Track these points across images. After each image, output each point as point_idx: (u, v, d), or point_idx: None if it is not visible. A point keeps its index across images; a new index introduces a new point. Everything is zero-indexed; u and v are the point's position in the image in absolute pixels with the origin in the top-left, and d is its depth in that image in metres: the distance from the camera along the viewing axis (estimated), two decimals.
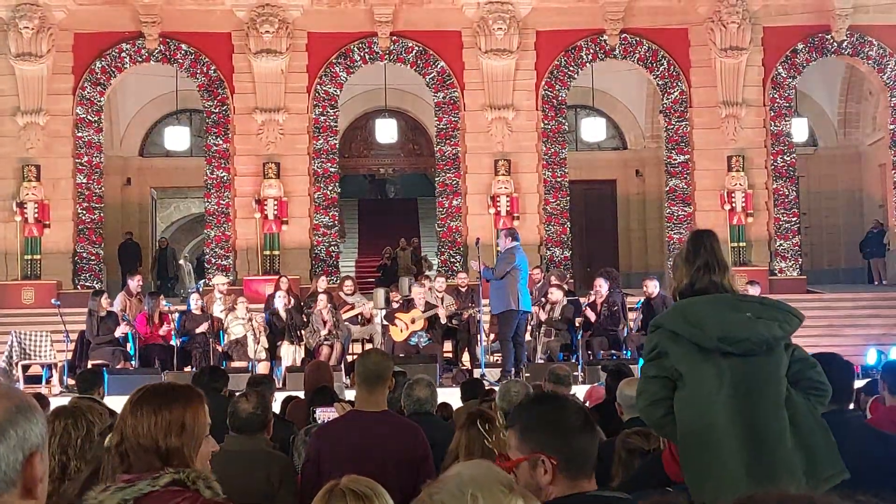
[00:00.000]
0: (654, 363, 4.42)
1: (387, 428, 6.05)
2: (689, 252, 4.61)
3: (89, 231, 26.12)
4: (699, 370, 4.27)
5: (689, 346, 4.30)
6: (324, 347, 18.44)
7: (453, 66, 26.70)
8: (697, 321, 4.33)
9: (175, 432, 3.40)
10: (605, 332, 18.47)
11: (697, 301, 4.45)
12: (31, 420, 2.38)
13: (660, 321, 4.54)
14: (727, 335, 4.28)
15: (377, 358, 6.36)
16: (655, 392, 4.37)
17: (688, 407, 4.28)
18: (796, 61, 27.41)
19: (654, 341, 4.44)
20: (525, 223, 26.30)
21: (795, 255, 27.12)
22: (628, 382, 7.42)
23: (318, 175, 26.54)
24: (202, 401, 3.55)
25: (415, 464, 5.92)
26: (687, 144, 27.07)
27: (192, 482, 3.28)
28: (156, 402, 3.44)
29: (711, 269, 4.53)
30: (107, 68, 26.37)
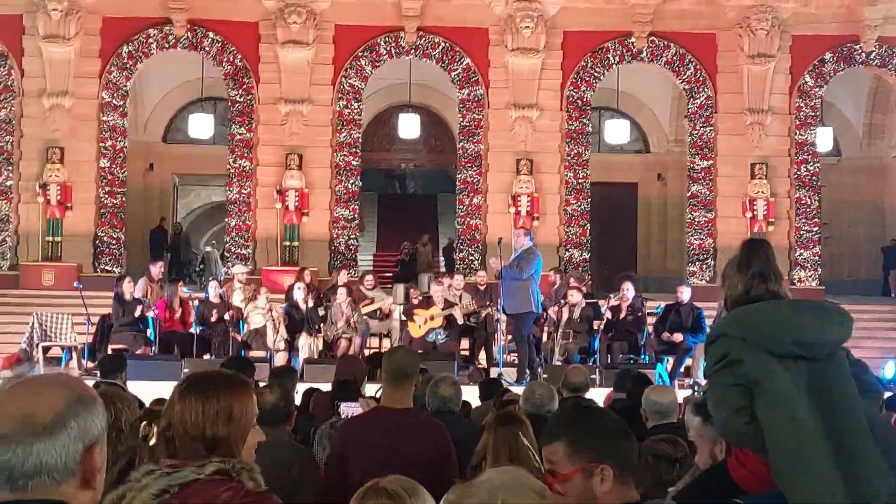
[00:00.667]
0: (727, 371, 4.32)
1: (411, 425, 6.06)
2: (743, 260, 4.55)
3: (111, 215, 26.20)
4: (777, 376, 4.22)
5: (761, 353, 4.25)
6: (342, 340, 18.45)
7: (479, 63, 26.68)
8: (768, 327, 4.28)
9: (222, 421, 3.41)
10: (627, 336, 18.43)
11: (761, 307, 4.39)
12: (92, 411, 2.41)
13: (723, 329, 4.45)
14: (800, 339, 4.24)
15: (405, 355, 6.38)
16: (736, 401, 4.28)
17: (774, 413, 4.22)
18: (824, 70, 27.33)
19: (723, 350, 4.34)
20: (545, 224, 26.30)
21: (815, 265, 27.05)
22: (655, 389, 7.43)
23: (339, 168, 26.55)
24: (250, 390, 3.56)
25: (438, 462, 5.92)
26: (711, 150, 27.01)
27: (236, 472, 3.29)
28: (204, 390, 3.45)
29: (767, 277, 4.48)
30: (133, 53, 26.44)
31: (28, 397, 2.37)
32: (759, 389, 4.25)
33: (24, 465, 2.31)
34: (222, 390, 3.46)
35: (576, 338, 18.46)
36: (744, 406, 4.27)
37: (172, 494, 3.19)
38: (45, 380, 2.45)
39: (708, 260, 26.78)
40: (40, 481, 2.32)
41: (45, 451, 2.32)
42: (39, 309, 20.64)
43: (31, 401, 2.36)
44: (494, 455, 5.66)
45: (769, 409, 4.24)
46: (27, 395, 2.37)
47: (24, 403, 2.35)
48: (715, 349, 4.39)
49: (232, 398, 3.44)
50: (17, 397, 2.37)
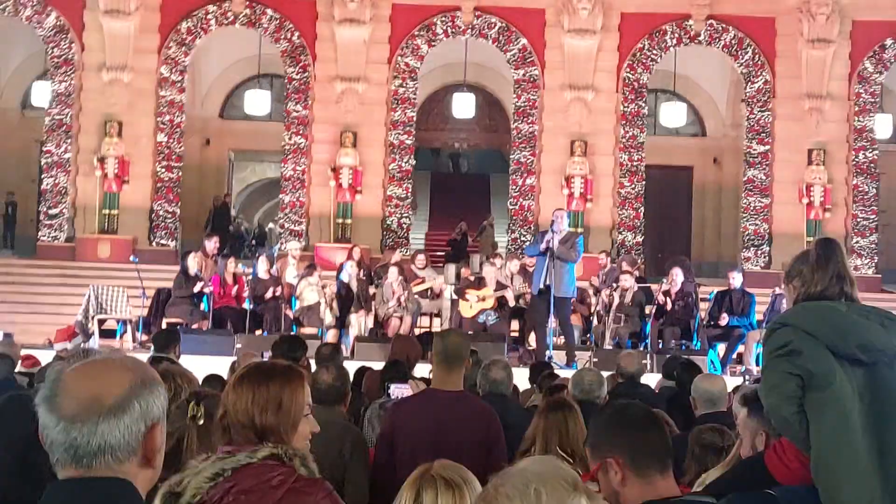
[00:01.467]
0: (786, 359, 4.27)
1: (462, 409, 6.07)
2: (822, 259, 4.46)
3: (167, 189, 26.46)
4: (835, 374, 4.19)
5: (823, 349, 4.21)
6: (393, 319, 18.53)
7: (535, 43, 26.60)
8: (837, 325, 4.25)
9: (271, 410, 3.48)
10: (678, 322, 18.36)
11: (832, 305, 4.36)
12: (154, 393, 2.51)
13: (789, 319, 4.42)
14: (865, 343, 4.21)
15: (457, 338, 6.39)
16: (792, 389, 4.24)
17: (826, 410, 4.19)
18: (884, 56, 27.01)
19: (787, 338, 4.28)
20: (598, 206, 26.26)
21: (872, 253, 26.78)
22: (705, 377, 7.42)
23: (393, 146, 26.62)
24: (302, 381, 3.61)
25: (487, 446, 5.95)
26: (768, 135, 26.78)
27: (289, 458, 3.35)
28: (255, 380, 3.52)
29: (845, 280, 4.44)
30: (192, 29, 26.63)
31: (93, 379, 2.47)
32: (813, 384, 4.23)
33: (88, 444, 2.42)
34: (271, 380, 3.54)
35: (627, 322, 18.42)
36: (796, 396, 4.27)
37: (225, 478, 3.25)
38: (110, 362, 2.55)
39: (763, 246, 26.58)
40: (104, 459, 2.44)
41: (109, 431, 2.43)
42: (95, 281, 20.86)
43: (97, 383, 2.46)
44: (544, 440, 5.68)
45: (821, 405, 4.22)
46: (93, 378, 2.48)
47: (90, 385, 2.45)
48: (777, 336, 4.36)
49: (281, 388, 3.52)
50: (83, 379, 2.47)
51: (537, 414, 5.87)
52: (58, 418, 2.42)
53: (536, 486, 2.33)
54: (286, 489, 3.27)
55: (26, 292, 23.57)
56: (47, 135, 26.57)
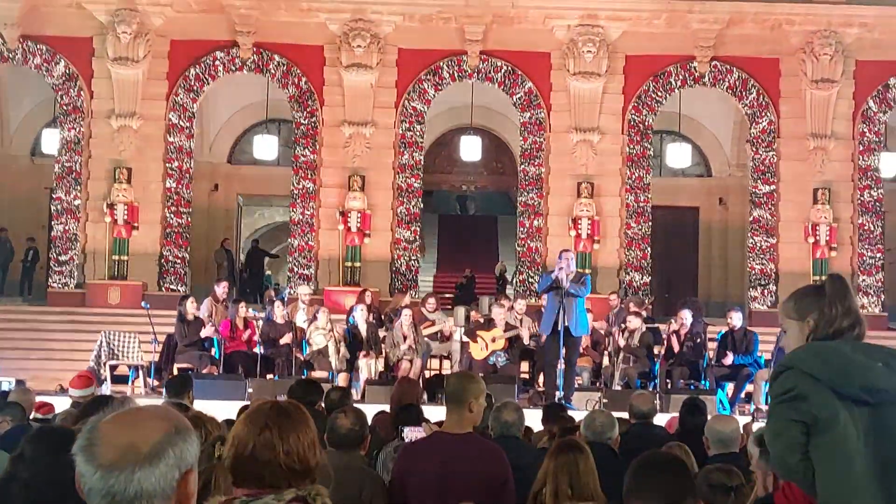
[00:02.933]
0: (790, 405, 4.26)
1: (469, 450, 6.08)
2: (836, 294, 4.42)
3: (176, 235, 26.60)
4: (839, 417, 4.16)
5: (827, 391, 4.19)
6: (403, 362, 18.59)
7: (541, 86, 26.80)
8: (840, 366, 4.21)
9: (318, 448, 3.56)
10: (687, 362, 18.42)
11: (835, 345, 4.32)
12: (188, 440, 2.59)
13: (793, 362, 4.40)
14: (869, 384, 4.18)
15: (458, 379, 6.44)
16: (795, 436, 4.22)
17: (831, 453, 4.16)
18: (888, 96, 27.15)
19: (791, 383, 4.26)
20: (605, 247, 26.34)
21: (878, 291, 26.80)
22: (718, 418, 7.46)
23: (401, 190, 26.77)
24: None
25: (496, 487, 5.99)
26: (773, 175, 26.90)
27: (312, 499, 3.41)
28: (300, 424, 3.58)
29: (860, 318, 4.39)
30: (200, 75, 26.86)
31: (129, 428, 2.54)
32: (818, 429, 4.22)
33: (125, 491, 2.48)
34: (307, 421, 3.60)
35: (636, 362, 18.47)
36: (800, 443, 4.25)
37: None
38: (145, 411, 2.64)
39: (769, 285, 26.64)
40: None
41: (145, 478, 2.49)
42: (105, 327, 20.95)
43: (133, 432, 2.53)
44: (554, 482, 5.73)
45: (826, 450, 4.21)
46: (129, 426, 2.55)
47: (127, 434, 2.52)
48: (782, 381, 4.36)
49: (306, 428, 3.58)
50: (120, 428, 2.54)
51: (548, 455, 5.92)
52: (95, 467, 2.48)
53: None
54: None
55: (37, 338, 23.66)
56: (57, 182, 26.76)
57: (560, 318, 16.07)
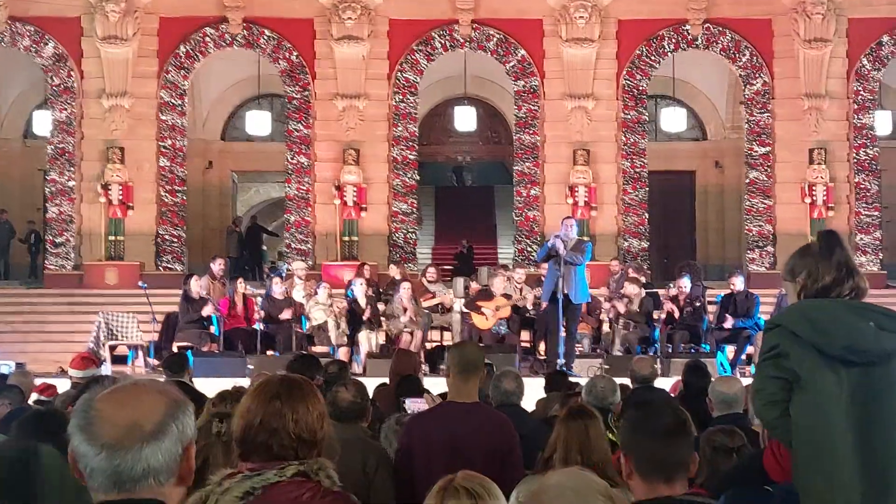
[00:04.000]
0: (772, 362, 4.29)
1: (479, 419, 6.10)
2: (825, 250, 4.41)
3: (171, 213, 26.54)
4: (820, 376, 4.17)
5: (810, 350, 4.18)
6: (404, 334, 18.56)
7: (534, 54, 26.68)
8: (823, 326, 4.21)
9: (326, 421, 3.57)
10: (687, 326, 18.43)
11: (822, 304, 4.32)
12: (187, 413, 2.57)
13: (779, 320, 4.40)
14: (853, 344, 4.16)
15: (474, 349, 6.45)
16: (774, 392, 4.27)
17: (806, 412, 4.18)
18: (881, 53, 27.06)
19: (774, 341, 4.29)
20: (603, 213, 26.30)
21: (876, 249, 26.80)
22: (722, 379, 7.45)
23: (397, 162, 26.68)
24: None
25: (503, 455, 5.98)
26: (768, 136, 26.83)
27: (314, 473, 3.39)
28: (310, 396, 3.57)
29: (851, 271, 4.37)
30: (191, 52, 26.73)
31: (129, 406, 2.49)
32: (798, 386, 4.23)
33: (133, 470, 2.45)
34: (316, 394, 3.59)
35: (635, 328, 18.46)
36: (779, 399, 4.27)
37: (256, 497, 3.29)
38: (140, 387, 2.58)
39: (767, 247, 26.62)
40: (147, 483, 2.47)
41: (151, 455, 2.46)
42: (103, 308, 20.95)
43: (134, 409, 2.48)
44: (565, 448, 5.70)
45: (803, 409, 4.20)
46: (129, 404, 2.50)
47: (128, 412, 2.47)
48: (768, 338, 4.38)
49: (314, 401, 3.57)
50: (120, 406, 2.49)
51: (558, 421, 5.88)
52: (98, 447, 2.43)
53: (571, 500, 2.38)
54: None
55: (35, 321, 23.67)
56: (50, 163, 26.68)
57: (560, 285, 16.01)
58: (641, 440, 3.73)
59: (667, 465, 3.66)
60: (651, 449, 3.68)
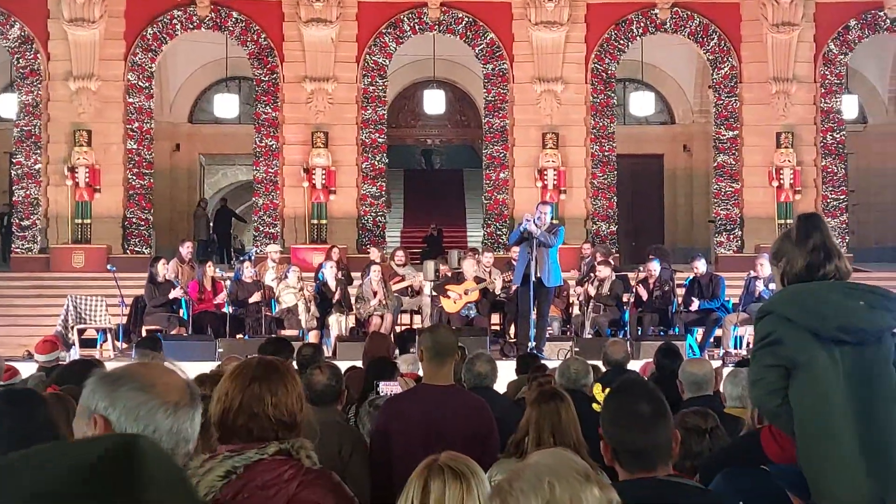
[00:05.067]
0: (768, 350, 4.28)
1: (455, 402, 6.10)
2: (801, 235, 4.42)
3: (139, 196, 26.36)
4: (817, 358, 4.18)
5: (804, 334, 4.19)
6: (374, 318, 18.56)
7: (503, 37, 26.65)
8: (815, 308, 4.22)
9: (305, 403, 3.58)
10: (657, 309, 18.52)
11: (812, 287, 4.33)
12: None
13: (770, 307, 4.41)
14: (846, 324, 4.17)
15: (447, 332, 6.43)
16: (773, 381, 4.26)
17: (807, 396, 4.18)
18: (848, 38, 27.19)
19: (769, 328, 4.29)
20: (572, 197, 26.34)
21: (843, 232, 26.95)
22: (692, 361, 7.49)
23: (365, 145, 26.62)
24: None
25: (481, 438, 5.98)
26: (736, 120, 26.95)
27: (295, 451, 3.40)
28: (288, 378, 3.57)
29: (829, 254, 4.38)
30: (158, 35, 26.53)
31: (170, 373, 2.56)
32: (797, 372, 4.24)
33: (188, 431, 2.51)
34: (293, 375, 3.60)
35: (605, 311, 18.53)
36: (779, 388, 4.27)
37: (238, 476, 3.29)
38: (158, 363, 2.64)
39: (735, 230, 26.75)
40: (187, 449, 2.53)
41: (197, 418, 2.55)
42: (70, 291, 20.78)
43: (175, 376, 2.55)
44: (537, 431, 5.71)
45: (802, 392, 4.21)
46: (168, 372, 2.56)
47: (176, 378, 2.54)
48: (761, 326, 4.38)
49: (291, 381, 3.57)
50: (166, 372, 2.55)
51: (529, 404, 5.90)
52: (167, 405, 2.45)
53: (550, 480, 2.37)
54: (298, 483, 3.33)
55: (2, 305, 23.45)
56: (16, 146, 26.40)
57: (532, 268, 16.01)
58: (620, 430, 3.73)
59: (648, 454, 3.67)
60: (631, 439, 3.69)
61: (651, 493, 3.54)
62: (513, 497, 2.36)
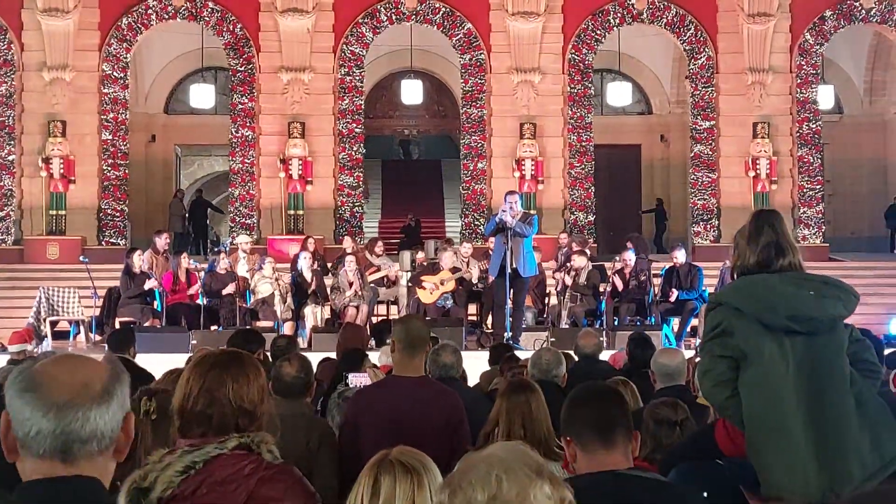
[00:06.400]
0: (718, 341, 4.31)
1: (426, 393, 6.08)
2: (753, 232, 4.46)
3: (114, 188, 26.20)
4: (765, 349, 4.19)
5: (754, 324, 4.21)
6: (350, 309, 18.50)
7: (480, 28, 26.60)
8: (765, 298, 4.24)
9: (267, 397, 3.54)
10: (633, 299, 18.53)
11: (762, 278, 4.35)
12: (126, 383, 2.61)
13: (721, 297, 4.43)
14: (796, 313, 4.19)
15: (419, 323, 6.40)
16: (722, 372, 4.28)
17: (755, 388, 4.19)
18: (824, 28, 27.24)
19: (718, 319, 4.33)
20: (549, 187, 26.33)
21: (819, 222, 27.07)
22: (663, 352, 7.46)
23: (343, 135, 26.53)
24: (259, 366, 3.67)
25: (451, 429, 5.96)
26: (712, 110, 26.98)
27: (256, 446, 3.36)
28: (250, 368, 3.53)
29: (782, 250, 4.41)
30: (133, 25, 26.36)
31: (79, 369, 2.50)
32: (745, 363, 4.24)
33: (82, 429, 2.44)
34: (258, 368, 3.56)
35: (582, 301, 18.53)
36: (728, 379, 4.29)
37: (197, 470, 3.25)
38: (81, 356, 2.59)
39: (712, 220, 26.79)
40: (91, 447, 2.46)
41: (100, 416, 2.46)
42: (45, 283, 20.67)
43: (83, 372, 2.49)
44: (508, 423, 5.70)
45: (751, 383, 4.21)
46: (77, 367, 2.51)
47: (76, 374, 2.48)
48: (711, 317, 4.40)
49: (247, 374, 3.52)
50: (69, 369, 2.50)
51: (499, 395, 5.87)
52: (47, 406, 2.41)
53: (498, 473, 2.34)
54: (258, 478, 3.29)
55: None
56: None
57: (507, 259, 15.97)
58: (576, 411, 3.73)
59: (602, 427, 3.65)
60: (586, 415, 3.68)
61: (609, 488, 3.51)
62: (461, 490, 2.34)
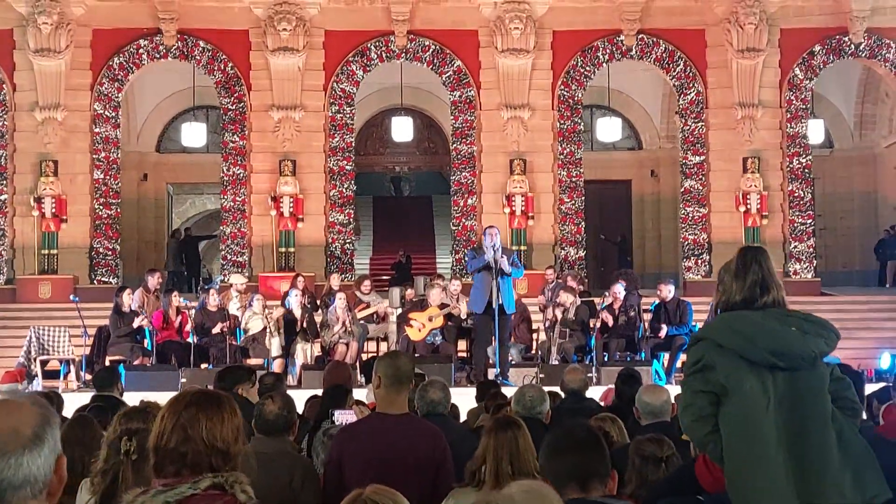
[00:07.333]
0: (699, 376, 4.32)
1: (410, 431, 6.06)
2: (740, 269, 4.48)
3: (106, 226, 26.23)
4: (746, 384, 4.20)
5: (736, 359, 4.22)
6: (339, 346, 18.47)
7: (470, 65, 26.74)
8: (747, 334, 4.24)
9: (242, 438, 3.51)
10: (623, 335, 18.51)
11: (745, 314, 4.36)
12: (57, 426, 2.58)
13: (704, 333, 4.45)
14: (778, 349, 4.20)
15: (406, 360, 6.39)
16: (703, 407, 4.27)
17: (736, 423, 4.18)
18: (813, 63, 27.38)
19: (699, 353, 4.33)
20: (540, 223, 26.39)
21: (810, 257, 27.10)
22: (648, 389, 7.45)
23: (333, 172, 26.62)
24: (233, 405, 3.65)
25: (434, 466, 5.95)
26: (702, 145, 27.08)
27: (229, 486, 3.35)
28: (226, 408, 3.52)
29: (767, 287, 4.42)
30: (125, 64, 26.49)
31: (8, 414, 2.47)
32: (727, 397, 4.25)
33: (15, 476, 2.42)
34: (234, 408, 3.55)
35: (572, 337, 18.50)
36: (708, 414, 4.29)
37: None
38: (14, 400, 2.57)
39: (703, 255, 26.84)
40: (23, 493, 2.43)
41: (32, 461, 2.44)
42: (37, 322, 20.65)
43: (12, 417, 2.47)
44: (495, 460, 5.69)
45: (731, 418, 4.21)
46: (5, 413, 2.48)
47: (7, 420, 2.46)
48: (693, 352, 4.40)
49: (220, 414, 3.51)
50: None
51: (485, 433, 5.87)
52: None
53: None
54: None
55: None
56: None
57: (493, 296, 16.02)
58: (554, 460, 3.74)
59: (579, 477, 3.66)
60: (565, 462, 3.68)
61: None
62: None
